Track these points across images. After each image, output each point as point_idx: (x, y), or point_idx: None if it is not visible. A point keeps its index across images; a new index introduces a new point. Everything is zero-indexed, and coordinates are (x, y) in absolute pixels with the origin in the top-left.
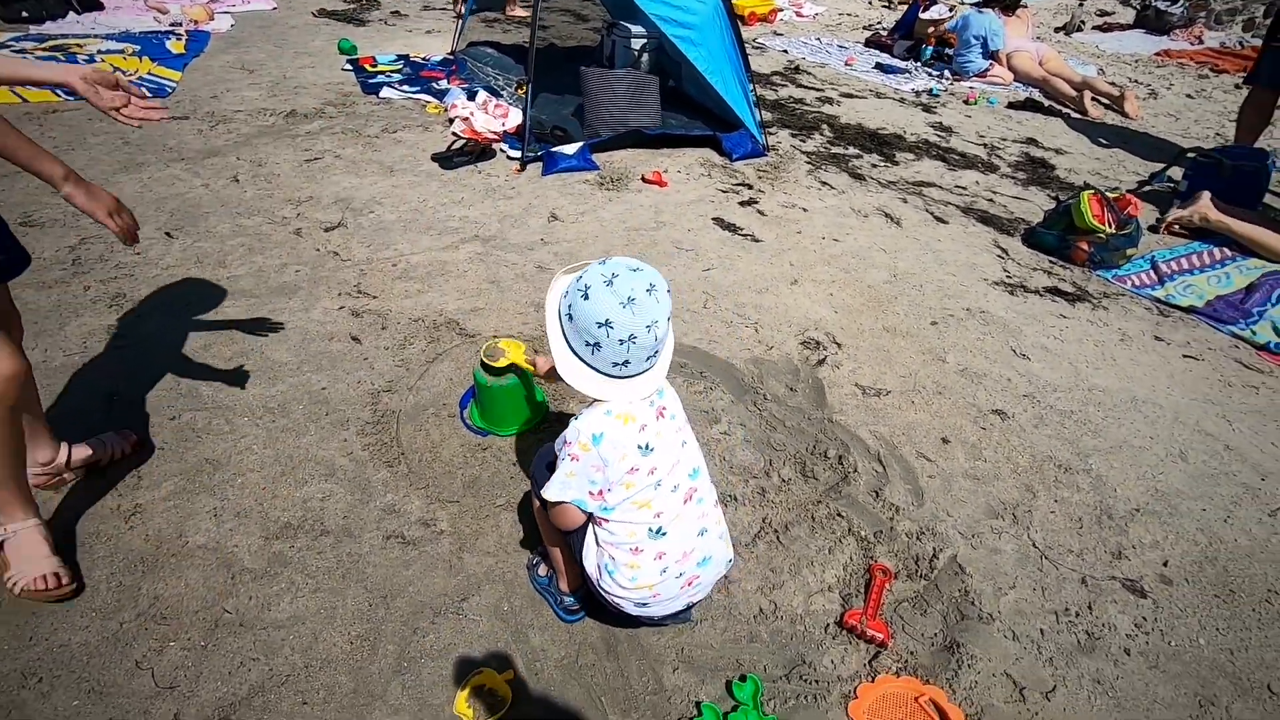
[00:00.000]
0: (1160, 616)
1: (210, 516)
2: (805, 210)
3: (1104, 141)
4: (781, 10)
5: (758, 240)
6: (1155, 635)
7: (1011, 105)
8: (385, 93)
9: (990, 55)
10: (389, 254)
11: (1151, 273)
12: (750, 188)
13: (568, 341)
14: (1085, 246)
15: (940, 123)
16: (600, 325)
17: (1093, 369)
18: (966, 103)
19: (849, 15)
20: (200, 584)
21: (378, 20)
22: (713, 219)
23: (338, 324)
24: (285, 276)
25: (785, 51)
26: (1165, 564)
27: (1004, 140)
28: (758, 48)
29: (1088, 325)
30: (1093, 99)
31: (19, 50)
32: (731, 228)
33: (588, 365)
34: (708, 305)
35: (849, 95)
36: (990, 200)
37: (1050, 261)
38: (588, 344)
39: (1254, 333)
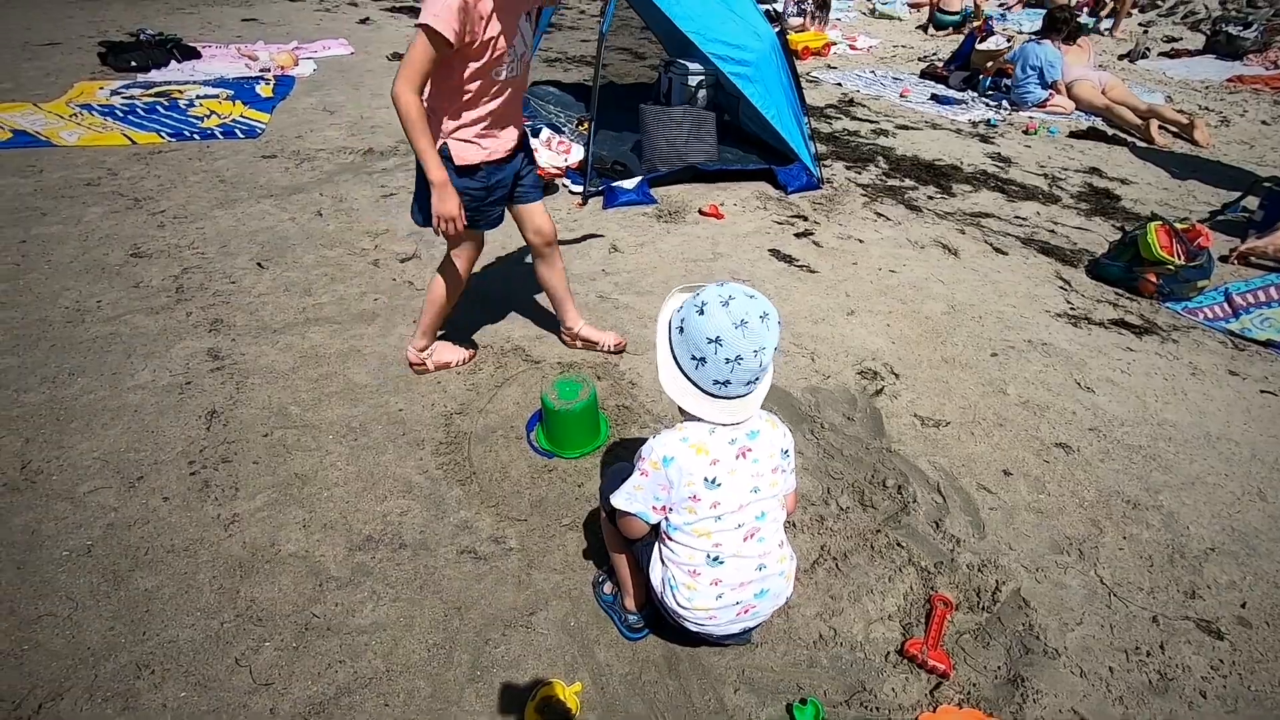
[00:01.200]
0: (1238, 659)
1: (299, 527)
2: (861, 242)
3: (1173, 171)
4: (835, 44)
5: (814, 271)
6: (1234, 678)
7: (1073, 135)
8: None
9: (1050, 85)
10: None
11: (1225, 305)
12: (806, 220)
13: (674, 353)
14: (1153, 279)
15: (998, 153)
16: (710, 341)
17: (1162, 403)
18: (1026, 133)
19: (903, 47)
20: (292, 589)
21: None
22: (769, 250)
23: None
24: (365, 304)
25: (839, 85)
26: (1243, 605)
27: (1065, 170)
28: (812, 81)
29: (1156, 358)
30: (1160, 127)
31: (129, 97)
32: (787, 259)
33: (689, 379)
34: None
35: (904, 127)
36: (1052, 231)
37: (1116, 293)
38: (694, 358)
39: None
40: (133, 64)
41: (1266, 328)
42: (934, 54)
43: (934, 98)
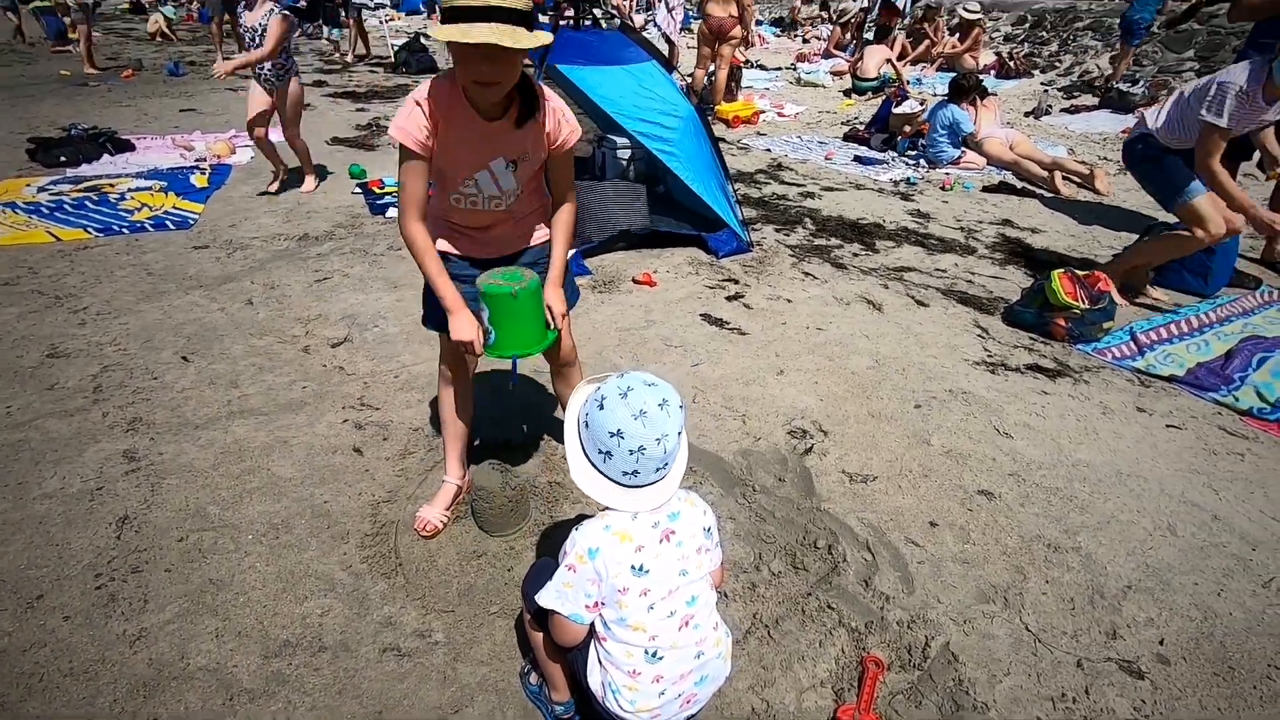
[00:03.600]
0: (1160, 699)
1: (212, 638)
2: (790, 301)
3: (1078, 218)
4: (764, 112)
5: (744, 334)
6: (1156, 718)
7: (986, 189)
8: (391, 212)
9: (961, 143)
10: (392, 366)
11: (1131, 344)
12: (736, 283)
13: (583, 448)
14: (1062, 323)
15: (918, 210)
16: (612, 435)
17: (1076, 444)
18: (943, 189)
19: (828, 113)
20: (199, 707)
21: (385, 145)
22: (700, 315)
23: (341, 437)
24: (293, 393)
25: (769, 150)
26: (1161, 642)
27: (980, 223)
28: (743, 148)
29: (1069, 400)
30: (1064, 178)
31: (56, 193)
32: (719, 322)
33: (600, 472)
34: (696, 400)
35: (830, 189)
36: (970, 281)
37: (1030, 339)
38: (600, 451)
39: (1236, 399)
40: (62, 159)
41: (1169, 363)
42: (855, 117)
43: (857, 159)
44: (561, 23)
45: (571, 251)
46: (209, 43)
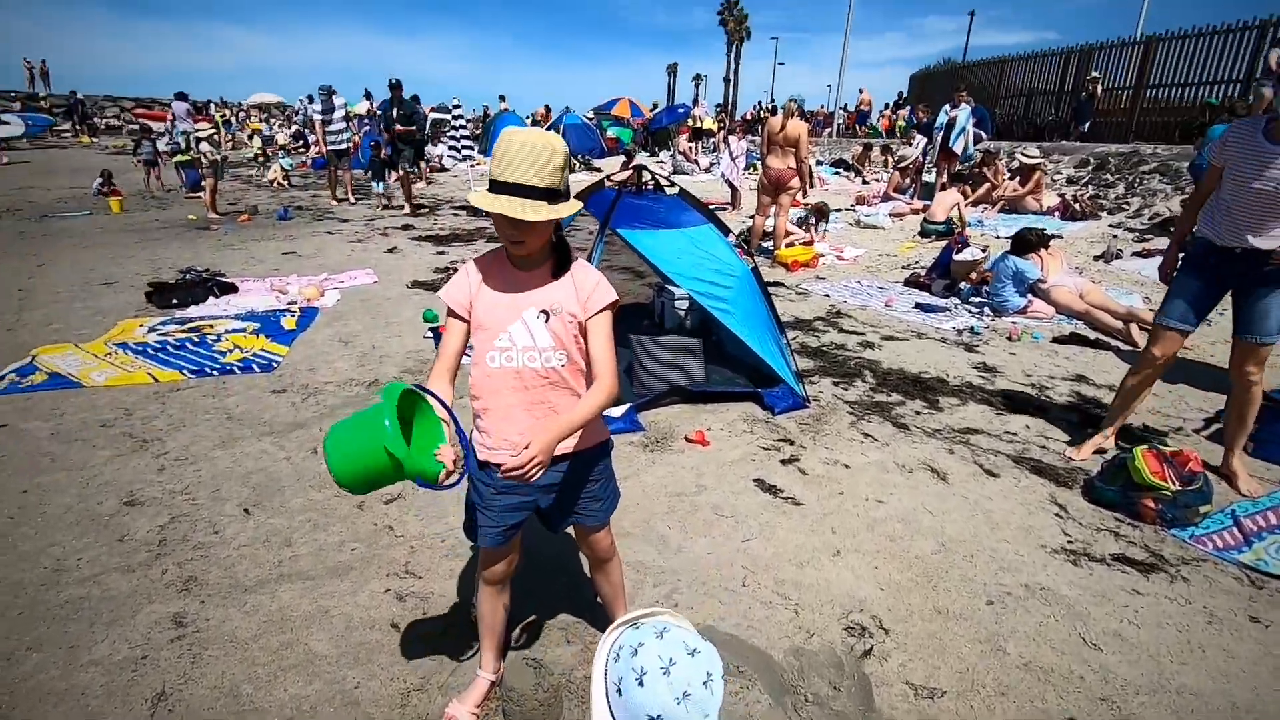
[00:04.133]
0: None
1: None
2: (848, 467)
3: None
4: (823, 255)
5: (799, 504)
6: None
7: (1057, 340)
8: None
9: (1028, 290)
10: (439, 528)
11: (1235, 531)
12: (792, 443)
13: (613, 716)
14: (1152, 504)
15: (984, 362)
16: (651, 718)
17: (1179, 664)
18: (1010, 339)
19: (887, 256)
20: None
21: None
22: (754, 480)
23: (381, 609)
24: (341, 555)
25: (827, 296)
26: None
27: (1052, 379)
28: (801, 293)
29: (1167, 604)
30: (1141, 328)
31: (163, 334)
32: (773, 490)
33: None
34: (746, 583)
35: (890, 338)
36: (1043, 448)
37: (1116, 519)
38: None
39: None
40: (174, 301)
41: None
42: (916, 262)
43: (918, 306)
44: (624, 188)
45: (625, 407)
46: (318, 188)
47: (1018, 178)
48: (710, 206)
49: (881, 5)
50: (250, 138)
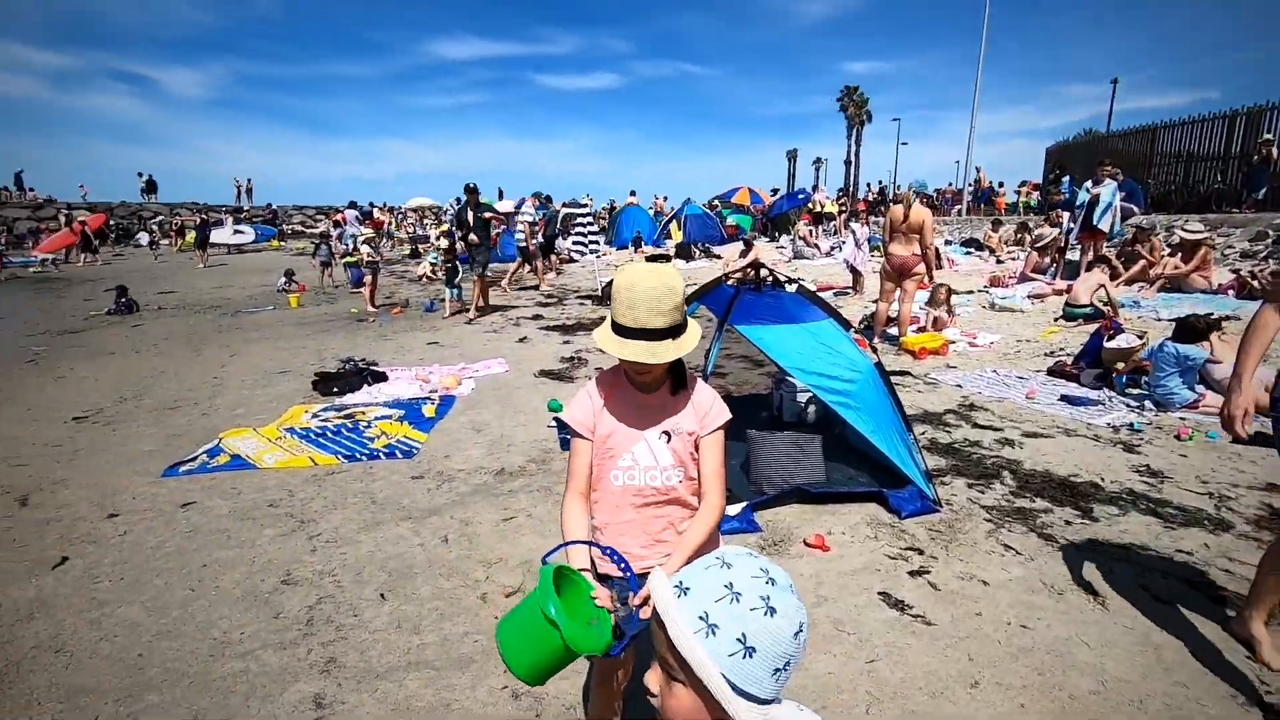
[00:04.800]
0: None
1: None
2: (986, 583)
3: None
4: (954, 342)
5: (930, 624)
6: None
7: (1238, 441)
8: None
9: (1200, 382)
10: None
11: None
12: (921, 553)
13: (738, 689)
14: None
15: (1147, 465)
16: (796, 634)
17: None
18: (1178, 439)
19: (1027, 342)
20: None
21: (584, 377)
22: (879, 593)
23: (498, 707)
24: (464, 647)
25: (959, 386)
26: None
27: (1235, 487)
28: (930, 384)
29: None
30: None
31: (324, 420)
32: (900, 605)
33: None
34: (870, 711)
35: (1033, 434)
36: (1227, 572)
37: None
38: (777, 670)
39: None
40: (334, 390)
41: None
42: (1061, 348)
43: (1065, 398)
44: (743, 285)
45: (741, 506)
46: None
47: (1179, 254)
48: (832, 291)
49: (1013, 77)
50: (406, 238)
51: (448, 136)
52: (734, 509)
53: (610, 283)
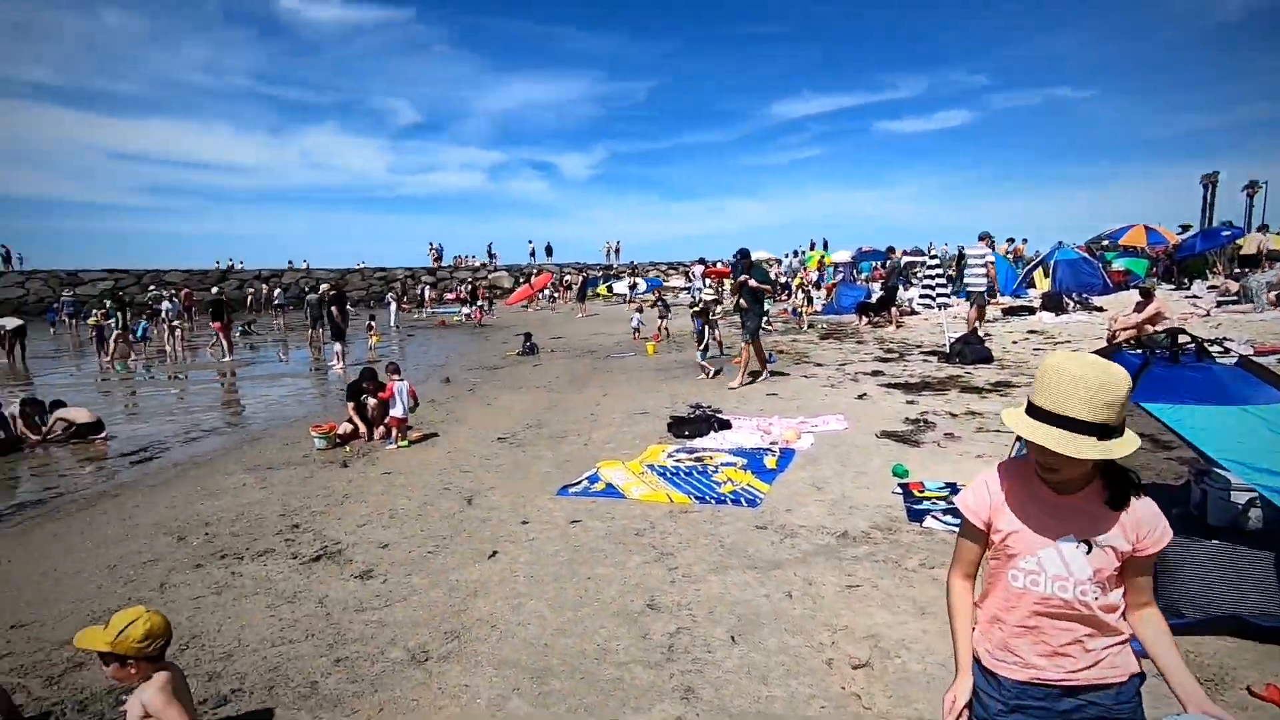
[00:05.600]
0: None
1: None
2: None
3: None
4: None
5: None
6: None
7: None
8: (928, 522)
9: None
10: (908, 713)
11: None
12: None
13: None
14: None
15: None
16: None
17: None
18: None
19: None
20: None
21: (931, 442)
22: None
23: None
24: (810, 710)
25: None
26: None
27: None
28: None
29: None
30: None
31: (677, 460)
32: None
33: None
34: None
35: None
36: None
37: None
38: None
39: None
40: (686, 433)
41: None
42: None
43: None
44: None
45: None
46: (794, 333)
47: None
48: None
49: None
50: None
51: (783, 191)
52: None
53: (960, 338)
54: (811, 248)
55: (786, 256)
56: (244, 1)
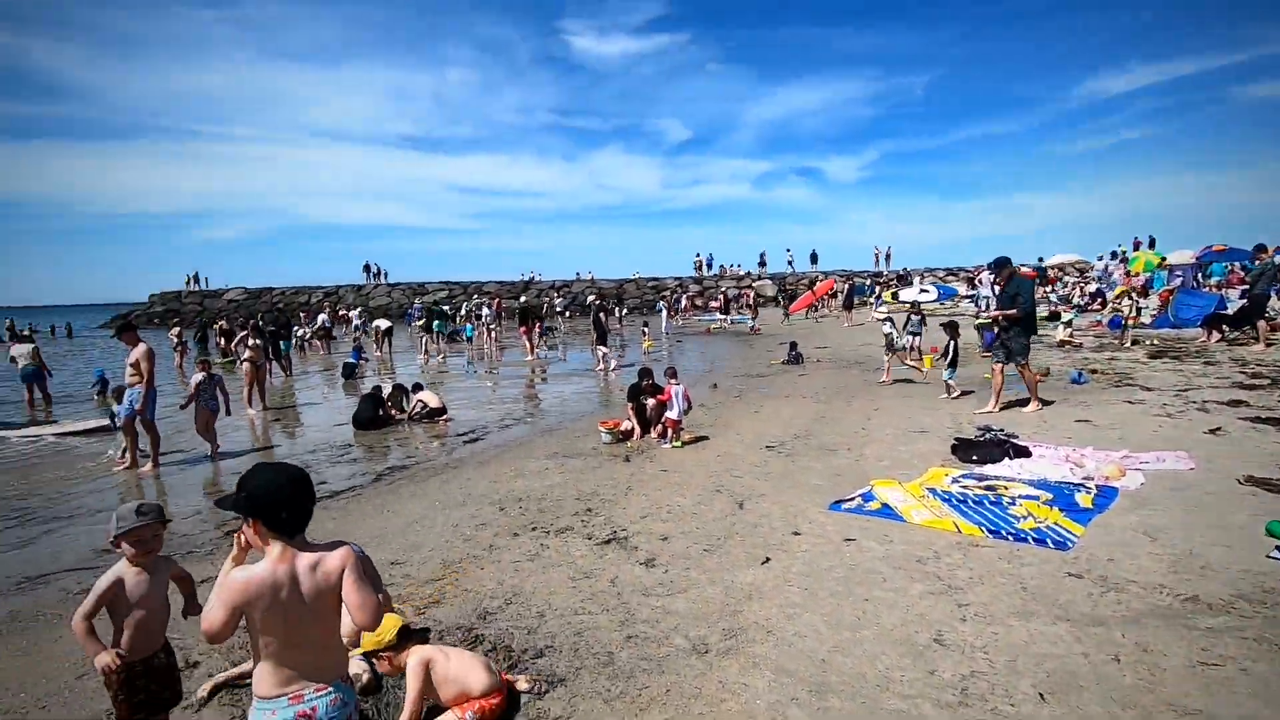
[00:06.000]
0: None
1: None
2: None
3: None
4: None
5: None
6: None
7: None
8: None
9: None
10: None
11: None
12: None
13: None
14: None
15: None
16: None
17: None
18: None
19: None
20: None
21: None
22: None
23: None
24: None
25: None
26: None
27: None
28: None
29: None
30: None
31: (964, 486)
32: None
33: None
34: None
35: None
36: None
37: None
38: None
39: None
40: (974, 458)
41: None
42: None
43: None
44: None
45: None
46: (1112, 350)
47: None
48: None
49: None
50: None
51: (1092, 182)
52: None
53: None
54: (1136, 247)
55: (1101, 259)
56: (548, 46)
